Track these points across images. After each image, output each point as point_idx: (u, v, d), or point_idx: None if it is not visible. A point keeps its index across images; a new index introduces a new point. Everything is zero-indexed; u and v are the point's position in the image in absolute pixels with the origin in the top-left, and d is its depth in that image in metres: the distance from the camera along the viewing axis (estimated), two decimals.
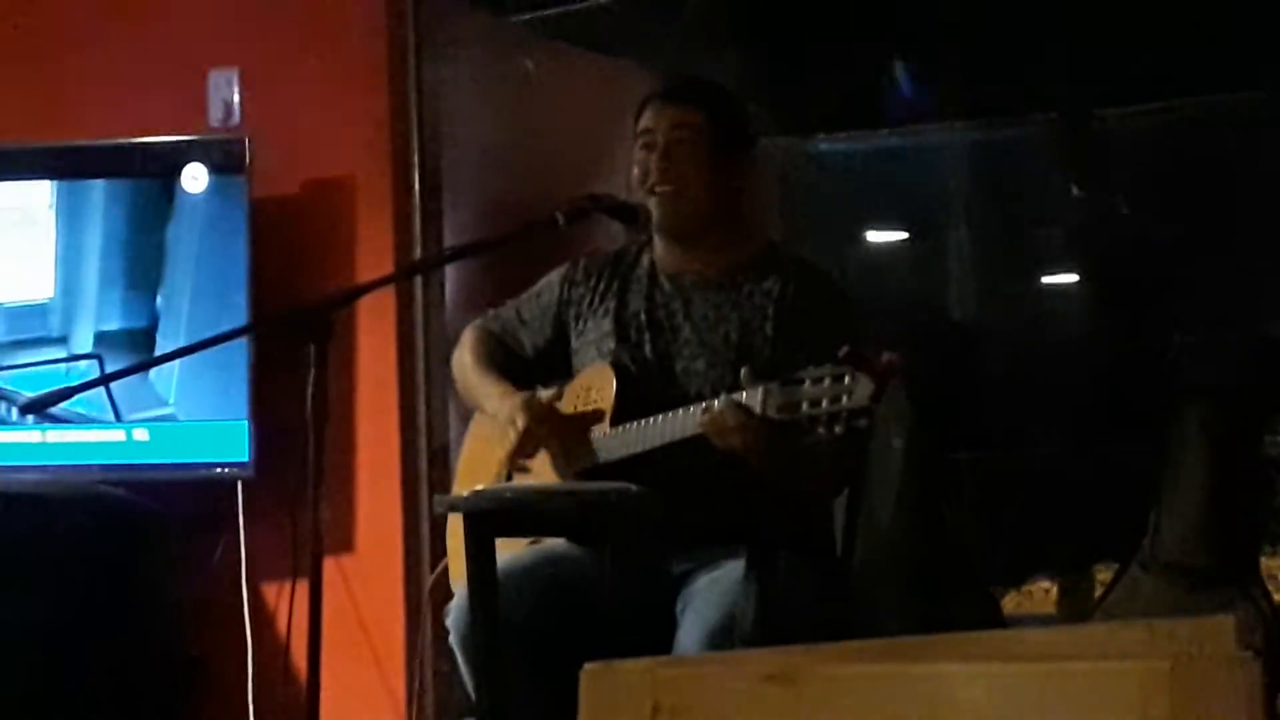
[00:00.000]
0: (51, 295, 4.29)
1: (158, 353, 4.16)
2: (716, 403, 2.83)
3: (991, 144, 6.88)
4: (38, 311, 4.30)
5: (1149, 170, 6.57)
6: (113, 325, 4.27)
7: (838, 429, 2.63)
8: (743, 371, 2.80)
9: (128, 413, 4.19)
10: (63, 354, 4.27)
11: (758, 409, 2.74)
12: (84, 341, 4.27)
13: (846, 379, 2.60)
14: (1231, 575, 4.28)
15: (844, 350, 2.61)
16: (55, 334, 4.29)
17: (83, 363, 4.25)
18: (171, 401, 4.18)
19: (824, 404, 2.62)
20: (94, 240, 4.28)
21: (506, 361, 3.31)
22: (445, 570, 3.43)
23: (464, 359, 3.36)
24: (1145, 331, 6.08)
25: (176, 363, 4.13)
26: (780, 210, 6.26)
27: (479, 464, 3.27)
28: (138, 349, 4.22)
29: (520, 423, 3.07)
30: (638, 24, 5.35)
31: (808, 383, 2.66)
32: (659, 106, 3.16)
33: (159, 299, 4.24)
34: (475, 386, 3.30)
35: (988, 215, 6.88)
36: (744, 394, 2.78)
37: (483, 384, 3.27)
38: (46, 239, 4.30)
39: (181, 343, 4.12)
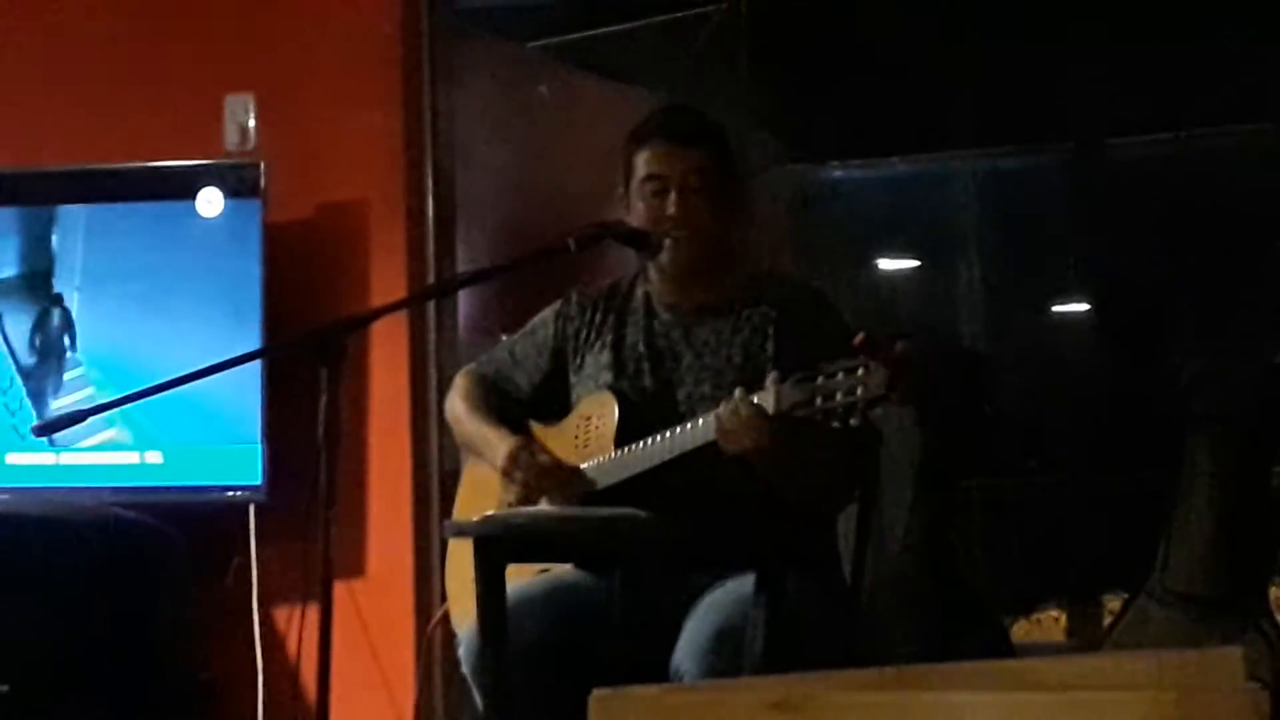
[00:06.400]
0: None
1: (56, 292, 4.25)
2: (728, 401, 2.83)
3: (1004, 172, 6.90)
4: None
5: (1161, 199, 6.58)
6: (8, 271, 4.32)
7: (853, 420, 2.64)
8: (770, 376, 2.80)
9: (24, 357, 4.27)
10: None
11: (774, 407, 2.75)
12: None
13: (860, 370, 2.61)
14: (1240, 606, 4.28)
15: (859, 337, 2.62)
16: None
17: None
18: (80, 354, 4.22)
19: (839, 396, 2.64)
20: None
21: (500, 404, 3.29)
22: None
23: (456, 408, 3.33)
24: (1155, 360, 6.08)
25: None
26: (793, 237, 6.27)
27: (481, 491, 3.26)
28: (35, 292, 4.28)
29: (519, 478, 3.09)
30: (651, 51, 5.37)
31: (821, 378, 2.68)
32: (663, 147, 3.12)
33: (54, 239, 4.28)
34: (470, 434, 3.28)
35: (999, 243, 6.89)
36: (758, 395, 2.79)
37: (478, 430, 3.25)
38: None
39: (78, 284, 4.21)
